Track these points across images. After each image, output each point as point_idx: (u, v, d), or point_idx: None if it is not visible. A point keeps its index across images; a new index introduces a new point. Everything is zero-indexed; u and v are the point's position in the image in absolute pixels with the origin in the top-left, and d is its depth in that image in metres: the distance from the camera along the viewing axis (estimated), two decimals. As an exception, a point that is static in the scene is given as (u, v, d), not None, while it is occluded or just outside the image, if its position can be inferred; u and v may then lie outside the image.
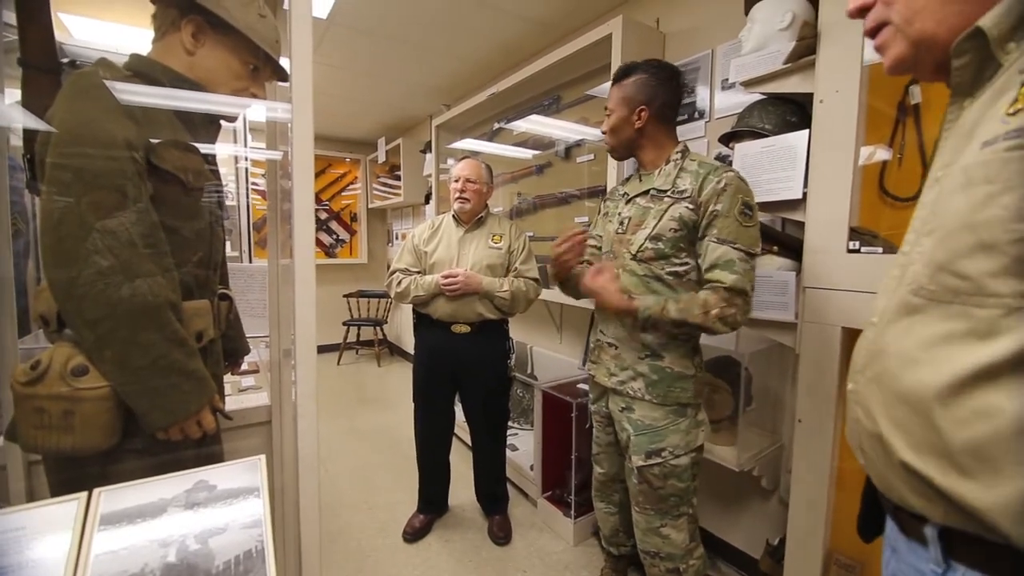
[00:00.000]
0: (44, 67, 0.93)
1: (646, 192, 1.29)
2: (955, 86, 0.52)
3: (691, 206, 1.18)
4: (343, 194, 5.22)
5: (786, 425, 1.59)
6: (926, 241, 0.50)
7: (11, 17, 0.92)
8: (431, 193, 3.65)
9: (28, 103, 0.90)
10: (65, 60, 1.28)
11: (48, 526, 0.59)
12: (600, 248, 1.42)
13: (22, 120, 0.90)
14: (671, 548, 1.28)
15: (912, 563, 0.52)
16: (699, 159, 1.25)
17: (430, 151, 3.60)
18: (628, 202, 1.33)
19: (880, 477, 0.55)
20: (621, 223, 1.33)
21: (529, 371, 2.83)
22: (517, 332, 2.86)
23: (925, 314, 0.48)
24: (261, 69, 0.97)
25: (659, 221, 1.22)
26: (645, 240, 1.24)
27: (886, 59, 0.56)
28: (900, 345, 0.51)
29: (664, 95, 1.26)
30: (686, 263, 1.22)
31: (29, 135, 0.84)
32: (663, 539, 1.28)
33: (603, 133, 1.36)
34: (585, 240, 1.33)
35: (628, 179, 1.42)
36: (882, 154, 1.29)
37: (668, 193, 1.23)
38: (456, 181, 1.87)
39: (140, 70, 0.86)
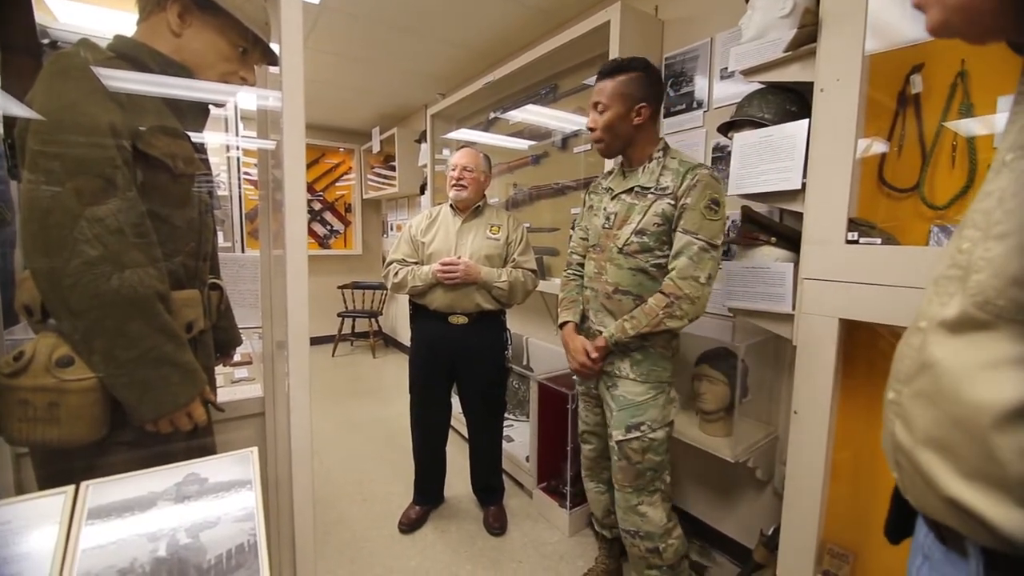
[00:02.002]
0: (24, 49, 0.90)
1: (631, 189, 1.34)
2: None
3: (672, 202, 1.25)
4: (337, 184, 5.17)
5: (782, 416, 1.60)
6: (995, 247, 0.43)
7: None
8: (426, 183, 3.62)
9: (8, 87, 0.87)
10: (46, 42, 1.24)
11: (35, 520, 0.58)
12: (587, 240, 1.46)
13: (2, 105, 0.87)
14: (649, 527, 1.32)
15: (948, 573, 0.50)
16: (679, 157, 1.31)
17: (425, 141, 3.56)
18: (613, 198, 1.38)
19: (917, 495, 0.51)
20: (607, 218, 1.38)
21: (525, 363, 2.83)
22: (513, 324, 2.85)
23: (992, 331, 0.43)
24: (250, 52, 0.94)
25: (644, 217, 1.29)
26: (631, 235, 1.30)
27: (926, 22, 0.50)
28: (957, 361, 0.46)
29: (656, 94, 1.32)
30: (668, 255, 1.28)
31: (9, 120, 0.81)
32: (641, 517, 1.33)
33: (590, 130, 1.35)
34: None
35: (610, 173, 1.46)
36: (879, 146, 1.29)
37: (652, 190, 1.29)
38: (453, 169, 1.85)
39: (124, 52, 0.83)
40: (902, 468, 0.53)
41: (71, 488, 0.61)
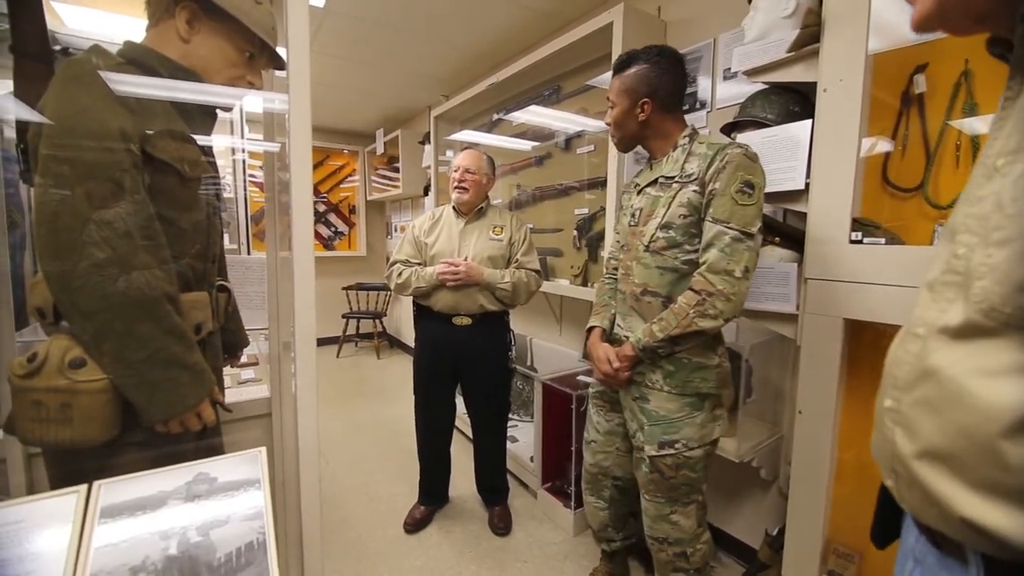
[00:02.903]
0: (36, 55, 0.92)
1: (655, 181, 1.27)
2: (1018, 57, 0.45)
3: (698, 188, 1.16)
4: (341, 186, 5.19)
5: (786, 416, 1.60)
6: (997, 253, 0.43)
7: (1, 4, 0.91)
8: (430, 185, 3.63)
9: (20, 93, 0.89)
10: (57, 48, 1.26)
11: (48, 519, 0.59)
12: (620, 243, 1.39)
13: (15, 111, 0.89)
14: (680, 534, 1.27)
15: None
16: (708, 141, 1.21)
17: (429, 142, 3.57)
18: (639, 193, 1.31)
19: (915, 504, 0.50)
20: (633, 215, 1.31)
21: (529, 363, 2.83)
22: (517, 324, 2.86)
23: (998, 338, 0.42)
24: (257, 57, 0.95)
25: (668, 209, 1.20)
26: (656, 229, 1.21)
27: (912, 14, 0.49)
28: (962, 369, 0.45)
29: (667, 84, 1.23)
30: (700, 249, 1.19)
31: (22, 125, 0.83)
32: (672, 525, 1.27)
33: (607, 125, 1.33)
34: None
35: (641, 171, 1.39)
36: (883, 146, 1.29)
37: (676, 179, 1.20)
38: (456, 171, 1.86)
39: (134, 58, 0.85)
40: (899, 477, 0.52)
41: (84, 487, 0.62)
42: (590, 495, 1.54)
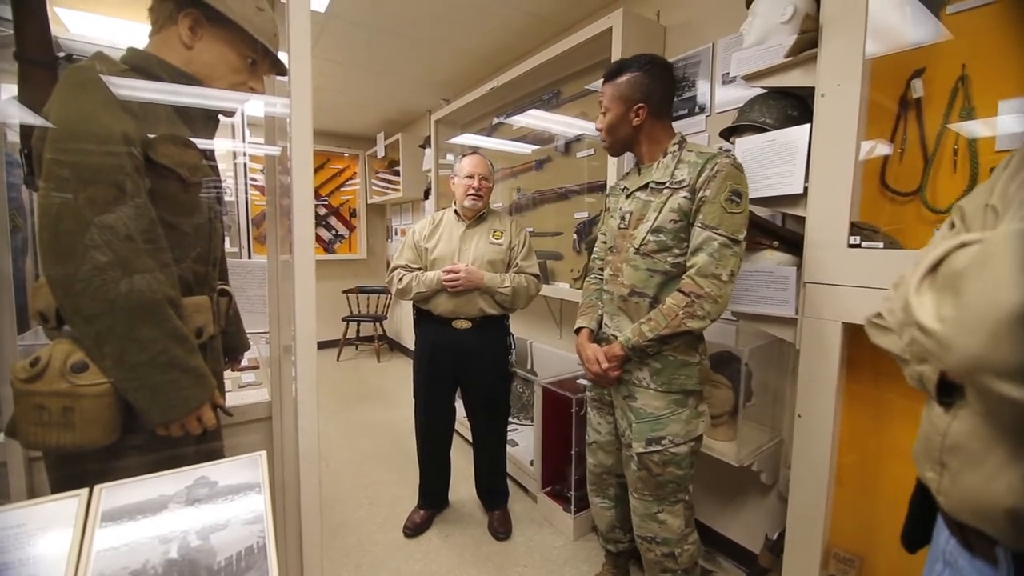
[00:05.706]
0: (40, 61, 0.92)
1: (645, 186, 1.30)
2: None
3: (688, 195, 1.19)
4: (342, 190, 5.20)
5: (786, 420, 1.59)
6: None
7: (6, 11, 0.91)
8: (430, 188, 3.64)
9: (24, 98, 0.90)
10: (61, 54, 1.27)
11: (49, 523, 0.59)
12: (608, 244, 1.42)
13: (19, 116, 0.90)
14: (667, 533, 1.30)
15: None
16: (697, 149, 1.25)
17: (429, 146, 3.59)
18: (628, 197, 1.34)
19: (954, 496, 0.51)
20: (622, 218, 1.34)
21: (529, 367, 2.83)
22: (517, 328, 2.86)
23: None
24: (259, 63, 0.96)
25: (659, 213, 1.23)
26: (647, 233, 1.25)
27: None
28: None
29: (659, 91, 1.27)
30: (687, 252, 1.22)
31: (26, 130, 0.83)
32: (660, 524, 1.30)
33: (598, 131, 1.36)
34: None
35: (627, 174, 1.42)
36: (881, 150, 1.29)
37: (667, 185, 1.24)
38: (469, 178, 1.84)
39: (137, 64, 0.85)
40: (948, 469, 0.51)
41: (85, 491, 0.62)
42: (595, 495, 1.55)
